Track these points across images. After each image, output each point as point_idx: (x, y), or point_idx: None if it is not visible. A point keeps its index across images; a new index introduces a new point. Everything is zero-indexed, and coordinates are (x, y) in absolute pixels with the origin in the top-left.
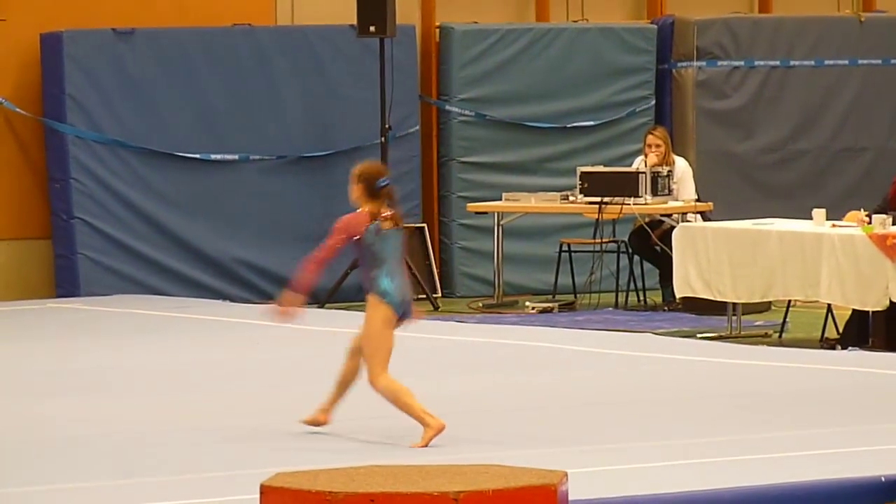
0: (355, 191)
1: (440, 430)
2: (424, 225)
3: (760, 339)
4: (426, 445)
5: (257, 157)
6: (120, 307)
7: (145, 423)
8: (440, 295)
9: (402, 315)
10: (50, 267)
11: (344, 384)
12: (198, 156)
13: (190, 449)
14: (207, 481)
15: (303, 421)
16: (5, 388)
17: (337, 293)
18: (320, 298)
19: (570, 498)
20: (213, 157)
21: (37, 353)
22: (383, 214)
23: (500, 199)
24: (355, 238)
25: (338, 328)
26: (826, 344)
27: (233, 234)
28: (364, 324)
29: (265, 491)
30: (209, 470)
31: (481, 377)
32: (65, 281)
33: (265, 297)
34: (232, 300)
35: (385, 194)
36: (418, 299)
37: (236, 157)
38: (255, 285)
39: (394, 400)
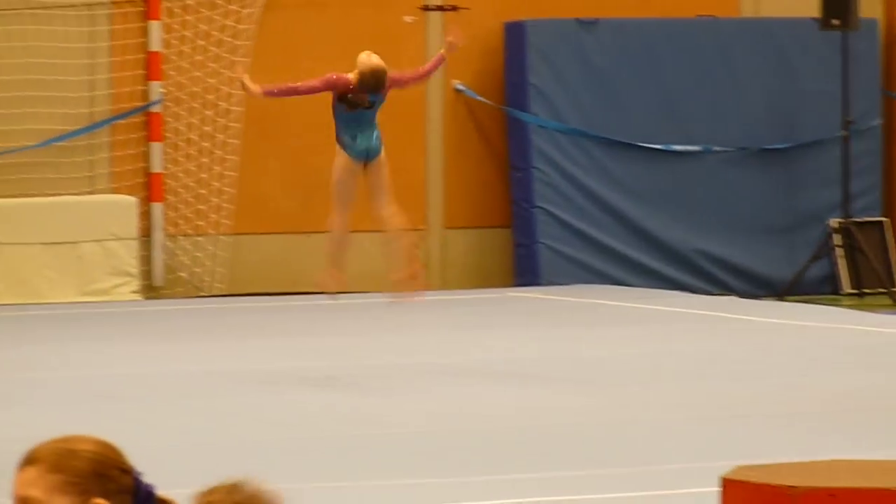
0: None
1: (328, 281)
2: (885, 219)
3: None
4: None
5: (719, 148)
6: (580, 297)
7: (608, 413)
8: None
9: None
10: (509, 256)
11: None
12: (660, 146)
13: (654, 439)
14: (667, 473)
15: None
16: (461, 374)
17: (797, 285)
18: (778, 290)
19: None
20: (675, 147)
21: (491, 340)
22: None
23: None
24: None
25: (797, 321)
26: None
27: (694, 226)
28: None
29: (726, 484)
30: (671, 462)
31: None
32: (524, 270)
33: (726, 288)
34: (693, 291)
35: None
36: (876, 293)
37: (699, 148)
38: (715, 277)
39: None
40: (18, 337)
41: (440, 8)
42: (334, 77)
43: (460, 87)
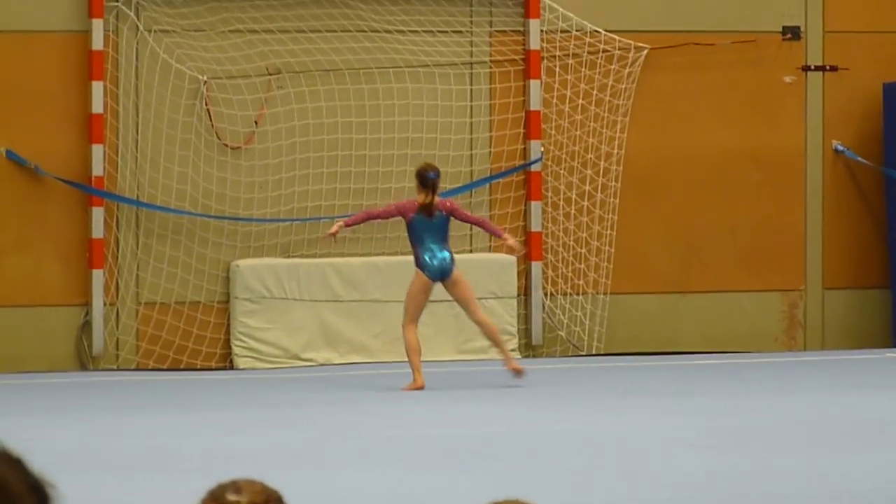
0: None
1: (419, 387)
2: None
3: None
4: (405, 390)
5: None
6: None
7: None
8: None
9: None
10: (887, 316)
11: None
12: None
13: None
14: None
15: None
16: (835, 433)
17: None
18: None
19: None
20: None
21: (869, 400)
22: (423, 203)
23: None
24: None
25: None
26: None
27: None
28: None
29: None
30: None
31: None
32: None
33: None
34: None
35: (431, 186)
36: None
37: None
38: None
39: (406, 348)
40: (396, 394)
41: (821, 68)
42: (404, 203)
43: (840, 147)
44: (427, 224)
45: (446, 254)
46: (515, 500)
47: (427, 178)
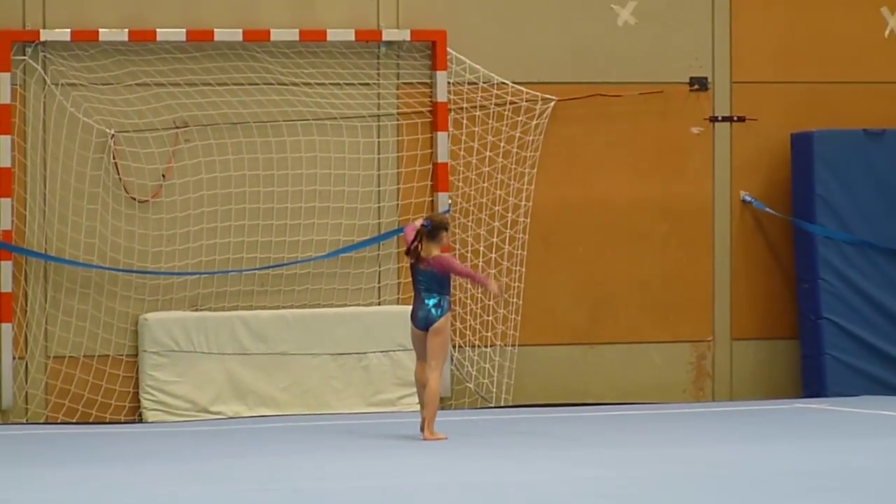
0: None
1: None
2: None
3: None
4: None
5: None
6: (868, 408)
7: None
8: None
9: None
10: (796, 367)
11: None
12: None
13: None
14: None
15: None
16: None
17: None
18: None
19: None
20: None
21: (780, 452)
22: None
23: None
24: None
25: None
26: None
27: None
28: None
29: None
30: None
31: None
32: (811, 381)
33: None
34: None
35: (422, 235)
36: None
37: None
38: None
39: (436, 396)
40: (305, 447)
41: (728, 118)
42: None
43: (747, 198)
44: (418, 272)
45: (431, 302)
46: None
47: (422, 227)
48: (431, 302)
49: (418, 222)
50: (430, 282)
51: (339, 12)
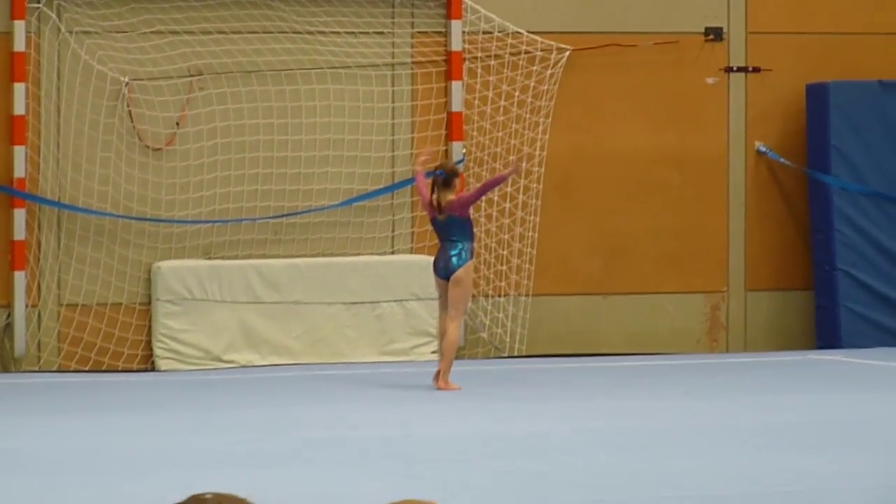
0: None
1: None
2: None
3: None
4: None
5: None
6: (882, 360)
7: None
8: None
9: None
10: (810, 318)
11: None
12: None
13: None
14: None
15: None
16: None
17: None
18: None
19: None
20: None
21: (793, 404)
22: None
23: None
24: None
25: None
26: None
27: None
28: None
29: None
30: None
31: None
32: (825, 332)
33: None
34: None
35: (437, 184)
36: None
37: None
38: None
39: (454, 346)
40: (318, 396)
41: (743, 69)
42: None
43: (762, 148)
44: (437, 223)
45: (453, 252)
46: (413, 501)
47: (435, 177)
48: (453, 252)
49: (419, 167)
50: (450, 229)
51: None
